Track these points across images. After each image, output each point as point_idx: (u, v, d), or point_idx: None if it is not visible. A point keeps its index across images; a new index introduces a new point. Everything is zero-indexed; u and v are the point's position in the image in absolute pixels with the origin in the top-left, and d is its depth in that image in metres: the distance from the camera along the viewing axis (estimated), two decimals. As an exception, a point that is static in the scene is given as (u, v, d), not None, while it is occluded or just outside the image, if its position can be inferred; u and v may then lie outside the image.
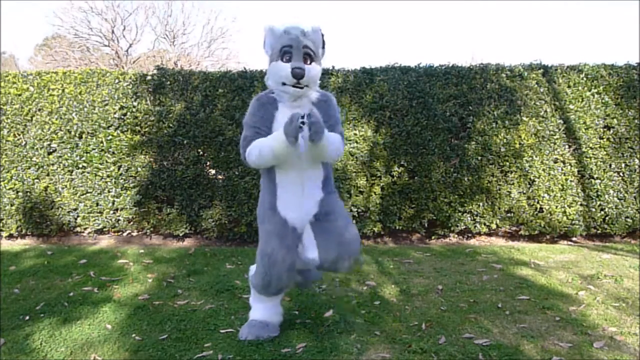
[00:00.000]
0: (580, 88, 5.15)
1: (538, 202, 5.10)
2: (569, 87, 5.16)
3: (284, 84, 2.51)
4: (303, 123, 2.31)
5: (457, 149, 5.07)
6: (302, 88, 2.51)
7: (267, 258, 2.54)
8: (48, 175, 5.24)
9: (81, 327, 2.92)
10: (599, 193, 5.09)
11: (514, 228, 5.23)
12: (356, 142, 5.06)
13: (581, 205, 5.10)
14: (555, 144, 5.09)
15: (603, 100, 5.14)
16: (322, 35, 2.61)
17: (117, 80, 5.22)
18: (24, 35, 35.57)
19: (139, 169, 5.14)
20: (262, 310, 2.76)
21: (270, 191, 2.66)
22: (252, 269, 2.86)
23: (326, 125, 2.49)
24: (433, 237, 5.28)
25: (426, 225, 5.16)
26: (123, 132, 5.17)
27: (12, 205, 5.25)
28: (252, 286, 2.75)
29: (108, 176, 5.17)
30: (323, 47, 2.62)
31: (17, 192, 5.24)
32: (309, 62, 2.51)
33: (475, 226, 5.11)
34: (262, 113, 2.59)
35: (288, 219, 2.59)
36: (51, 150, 5.24)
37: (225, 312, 3.14)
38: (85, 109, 5.18)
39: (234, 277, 3.90)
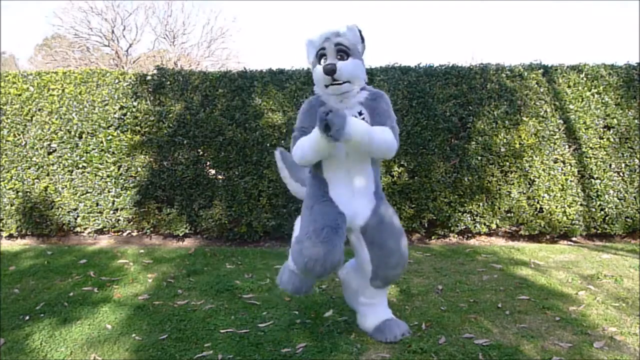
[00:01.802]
0: (580, 88, 5.15)
1: (538, 202, 5.10)
2: (569, 87, 5.16)
3: (326, 86, 2.50)
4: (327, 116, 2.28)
5: (457, 149, 5.07)
6: (341, 84, 2.47)
7: (314, 237, 2.37)
8: (48, 175, 5.24)
9: (81, 327, 2.92)
10: (599, 193, 5.09)
11: (514, 228, 5.23)
12: (356, 142, 5.06)
13: (581, 205, 5.10)
14: (555, 144, 5.09)
15: (603, 100, 5.14)
16: (360, 32, 2.58)
17: (117, 80, 5.22)
18: (24, 35, 35.60)
19: (139, 169, 5.14)
20: None
21: (320, 184, 2.62)
22: (295, 228, 2.80)
23: (373, 122, 2.50)
24: (433, 237, 5.28)
25: (426, 225, 5.16)
26: (123, 132, 5.17)
27: (12, 205, 5.25)
28: (293, 263, 2.59)
29: (108, 176, 5.17)
30: (363, 42, 2.59)
31: (17, 192, 5.24)
32: (345, 59, 2.49)
33: (475, 226, 5.11)
34: (309, 114, 2.60)
35: (340, 207, 2.55)
36: (51, 150, 5.24)
37: (225, 312, 3.14)
38: (85, 109, 5.18)
39: (234, 277, 3.90)
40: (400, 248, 2.60)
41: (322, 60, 2.51)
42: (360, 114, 2.55)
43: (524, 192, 5.09)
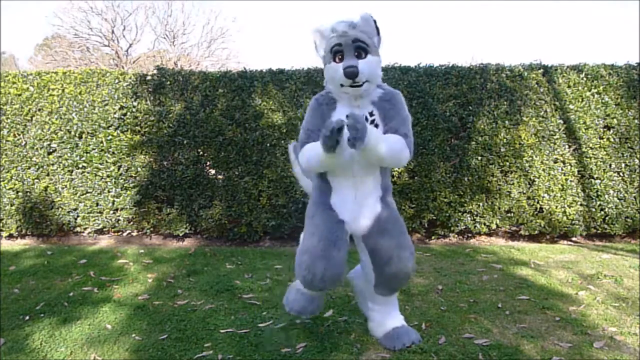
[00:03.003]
0: (580, 88, 5.15)
1: (538, 202, 5.10)
2: (569, 87, 5.16)
3: (342, 85, 2.33)
4: (340, 129, 2.14)
5: (457, 149, 5.06)
6: (360, 86, 2.32)
7: (312, 251, 2.37)
8: (48, 175, 5.24)
9: (81, 327, 2.92)
10: (599, 193, 5.09)
11: (514, 228, 5.23)
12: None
13: (581, 205, 5.10)
14: (555, 144, 5.09)
15: (603, 100, 5.14)
16: (375, 22, 2.38)
17: (117, 80, 5.22)
18: (24, 35, 35.61)
19: (139, 169, 5.14)
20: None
21: (323, 190, 2.52)
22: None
23: (387, 127, 2.37)
24: (433, 237, 5.28)
25: (426, 225, 5.16)
26: (123, 132, 5.17)
27: (12, 205, 5.25)
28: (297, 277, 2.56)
29: (108, 176, 5.17)
30: (378, 34, 2.40)
31: (17, 192, 5.24)
32: (364, 56, 2.31)
33: (475, 226, 5.11)
34: (318, 114, 2.45)
35: (340, 215, 2.46)
36: (51, 150, 5.23)
37: (225, 312, 3.14)
38: (85, 109, 5.18)
39: (234, 277, 3.90)
40: (401, 258, 2.44)
41: (337, 58, 2.32)
42: (371, 114, 2.41)
43: (524, 192, 5.09)
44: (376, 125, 2.40)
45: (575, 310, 3.10)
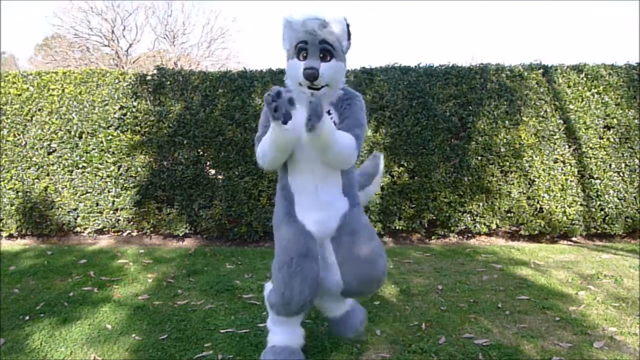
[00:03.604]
0: (580, 88, 5.15)
1: (538, 202, 5.10)
2: (569, 87, 5.16)
3: (300, 84, 2.22)
4: (290, 99, 2.01)
5: (457, 149, 5.06)
6: (319, 89, 2.21)
7: (285, 268, 2.26)
8: (48, 175, 5.24)
9: (81, 327, 2.92)
10: (599, 193, 5.09)
11: (514, 228, 5.23)
12: (356, 142, 5.05)
13: (581, 205, 5.10)
14: (555, 144, 5.09)
15: (603, 100, 5.14)
16: (348, 26, 2.28)
17: (117, 80, 5.22)
18: (24, 35, 35.63)
19: (139, 169, 5.14)
20: (283, 335, 2.40)
21: (286, 198, 2.39)
22: (267, 286, 2.60)
23: (340, 126, 2.26)
24: (433, 237, 5.28)
25: (426, 225, 5.16)
26: (123, 132, 5.17)
27: (12, 205, 5.25)
28: (270, 307, 2.42)
29: (108, 176, 5.17)
30: (349, 39, 2.30)
31: (17, 192, 5.24)
32: (328, 59, 2.20)
33: (475, 226, 5.11)
34: None
35: (307, 225, 2.33)
36: (51, 150, 5.23)
37: (225, 312, 3.14)
38: (85, 109, 5.18)
39: (234, 277, 3.90)
40: (373, 263, 2.33)
41: (302, 56, 2.21)
42: (328, 113, 2.29)
43: (524, 192, 5.09)
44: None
45: (575, 310, 3.10)
